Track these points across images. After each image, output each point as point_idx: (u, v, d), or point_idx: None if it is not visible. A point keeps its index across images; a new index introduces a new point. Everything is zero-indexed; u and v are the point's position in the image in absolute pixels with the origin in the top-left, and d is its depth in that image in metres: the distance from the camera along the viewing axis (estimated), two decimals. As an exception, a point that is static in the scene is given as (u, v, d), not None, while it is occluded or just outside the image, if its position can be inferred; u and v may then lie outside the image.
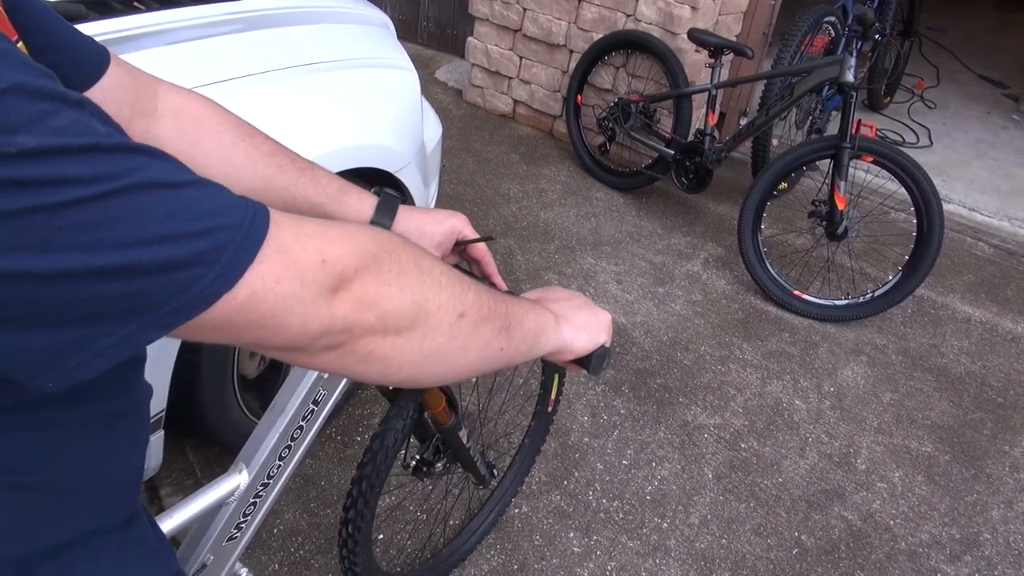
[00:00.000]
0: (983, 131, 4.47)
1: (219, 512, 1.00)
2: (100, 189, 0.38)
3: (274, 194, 0.76)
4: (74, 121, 0.38)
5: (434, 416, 1.24)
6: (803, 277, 2.85)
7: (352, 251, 0.49)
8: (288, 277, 0.46)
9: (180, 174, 0.43)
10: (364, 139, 1.73)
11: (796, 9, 3.53)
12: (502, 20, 3.65)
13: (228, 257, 0.42)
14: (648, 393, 2.27)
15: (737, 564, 1.80)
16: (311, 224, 0.49)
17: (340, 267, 0.48)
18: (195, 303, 0.42)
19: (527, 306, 0.68)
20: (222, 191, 0.45)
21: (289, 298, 0.46)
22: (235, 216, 0.44)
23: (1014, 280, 3.09)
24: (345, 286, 0.49)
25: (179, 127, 0.72)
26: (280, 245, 0.46)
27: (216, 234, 0.42)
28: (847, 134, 2.52)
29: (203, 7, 1.49)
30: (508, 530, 1.79)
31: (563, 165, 3.52)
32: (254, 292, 0.44)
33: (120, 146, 0.40)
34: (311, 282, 0.47)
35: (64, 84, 0.61)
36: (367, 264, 0.50)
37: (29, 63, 0.39)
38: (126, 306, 0.40)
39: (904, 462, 2.15)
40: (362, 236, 0.52)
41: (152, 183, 0.40)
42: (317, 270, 0.47)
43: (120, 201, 0.39)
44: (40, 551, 0.53)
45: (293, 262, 0.46)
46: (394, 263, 0.52)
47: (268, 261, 0.45)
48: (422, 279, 0.54)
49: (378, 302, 0.51)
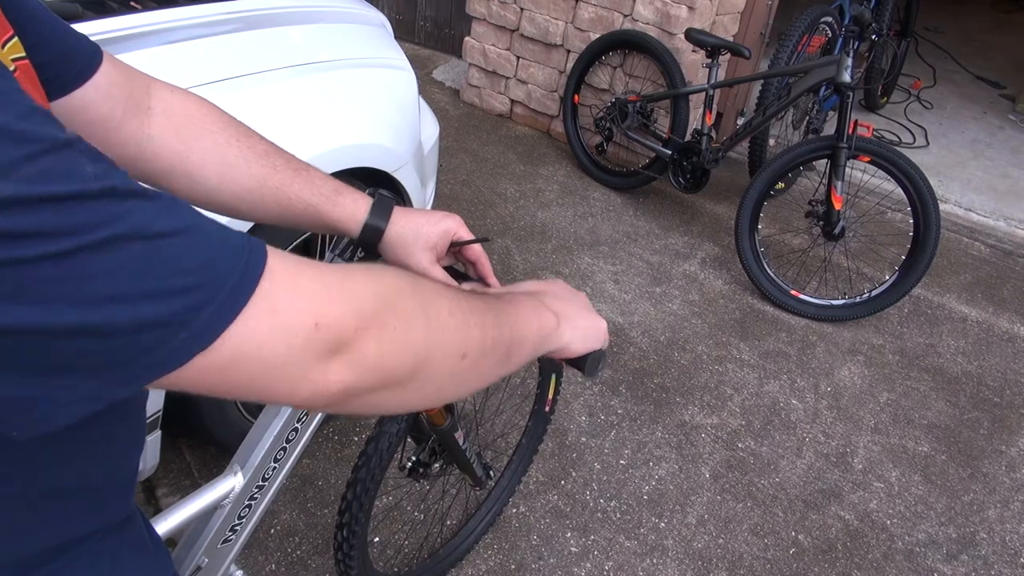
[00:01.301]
0: (979, 131, 4.48)
1: (214, 515, 1.00)
2: (76, 243, 0.35)
3: (268, 194, 0.75)
4: (56, 165, 0.36)
5: (430, 417, 1.24)
6: (800, 277, 2.86)
7: (352, 311, 0.46)
8: (273, 342, 0.42)
9: (170, 220, 0.39)
10: (361, 139, 1.73)
11: (793, 9, 3.54)
12: (499, 20, 3.65)
13: (205, 317, 0.39)
14: (645, 393, 2.27)
15: (734, 564, 1.80)
16: (311, 276, 0.45)
17: (337, 330, 0.45)
18: (165, 363, 0.39)
19: (530, 314, 0.66)
20: (214, 239, 0.41)
21: (274, 363, 0.43)
22: (222, 269, 0.40)
23: (1010, 280, 3.10)
24: (342, 350, 0.45)
25: (173, 126, 0.71)
26: (269, 305, 0.42)
27: (196, 292, 0.39)
28: (844, 134, 2.52)
29: (200, 7, 1.49)
30: (506, 530, 1.79)
31: (560, 165, 3.52)
32: (234, 356, 0.41)
33: (107, 191, 0.37)
34: (301, 347, 0.43)
35: (57, 82, 0.61)
36: (368, 324, 0.46)
37: (15, 100, 0.37)
38: (93, 363, 0.38)
39: (901, 462, 2.16)
40: (366, 290, 0.48)
41: (135, 234, 0.37)
42: (309, 334, 0.43)
43: (96, 256, 0.36)
44: (34, 554, 0.53)
45: (281, 325, 0.42)
46: (399, 317, 0.49)
47: (252, 322, 0.41)
48: (428, 327, 0.51)
49: (379, 363, 0.47)
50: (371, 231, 0.81)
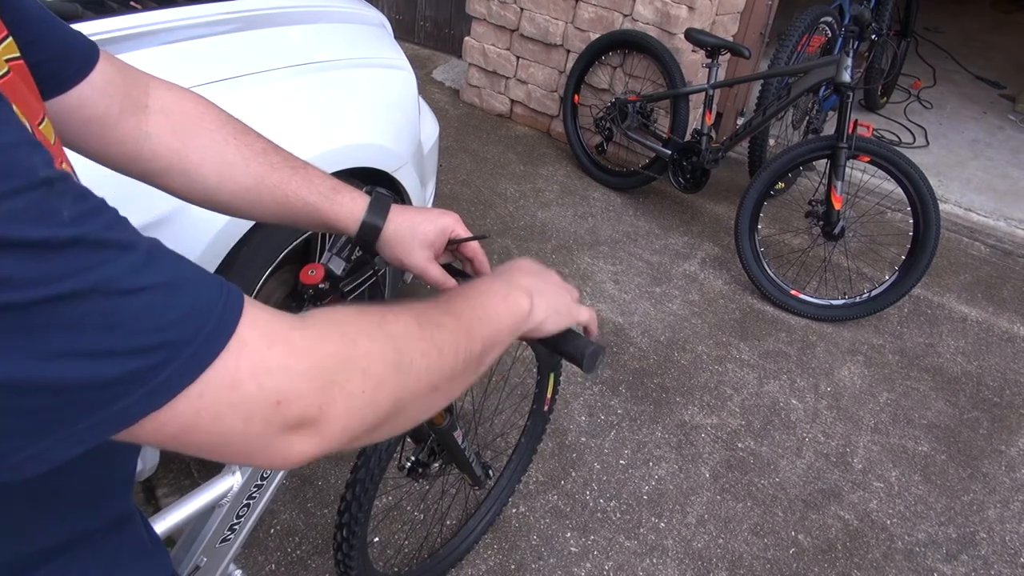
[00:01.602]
0: (979, 131, 4.48)
1: (212, 514, 1.00)
2: (34, 295, 0.33)
3: (266, 192, 0.75)
4: (30, 207, 0.34)
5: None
6: (800, 277, 2.86)
7: (318, 386, 0.44)
8: (230, 416, 0.40)
9: (141, 275, 0.38)
10: (361, 139, 1.73)
11: (793, 9, 3.54)
12: (499, 20, 3.65)
13: (163, 378, 0.38)
14: (645, 393, 2.27)
15: (734, 564, 1.80)
16: (280, 345, 0.43)
17: (300, 407, 0.43)
18: (115, 421, 0.38)
19: (500, 305, 0.65)
20: (187, 294, 0.39)
21: (229, 435, 0.41)
22: (188, 331, 0.38)
23: (1010, 280, 3.10)
24: (306, 425, 0.44)
25: (170, 124, 0.71)
26: (231, 377, 0.40)
27: (157, 352, 0.37)
28: (844, 134, 2.52)
29: (200, 7, 1.49)
30: (505, 530, 1.79)
31: (560, 165, 3.51)
32: (186, 424, 0.39)
33: (75, 239, 0.35)
34: (260, 422, 0.41)
35: (53, 80, 0.61)
36: (334, 397, 0.45)
37: (7, 128, 0.35)
38: (40, 420, 0.36)
39: (901, 461, 2.16)
40: (335, 359, 0.45)
41: (100, 288, 0.36)
42: (269, 411, 0.42)
43: (54, 309, 0.34)
44: (33, 554, 0.53)
45: (240, 400, 0.41)
46: (368, 380, 0.47)
47: (210, 396, 0.39)
48: (398, 382, 0.50)
49: (346, 429, 0.46)
50: (369, 229, 0.81)
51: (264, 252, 1.56)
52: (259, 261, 1.56)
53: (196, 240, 1.38)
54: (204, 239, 1.39)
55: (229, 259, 1.46)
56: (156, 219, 1.29)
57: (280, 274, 1.69)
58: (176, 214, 1.32)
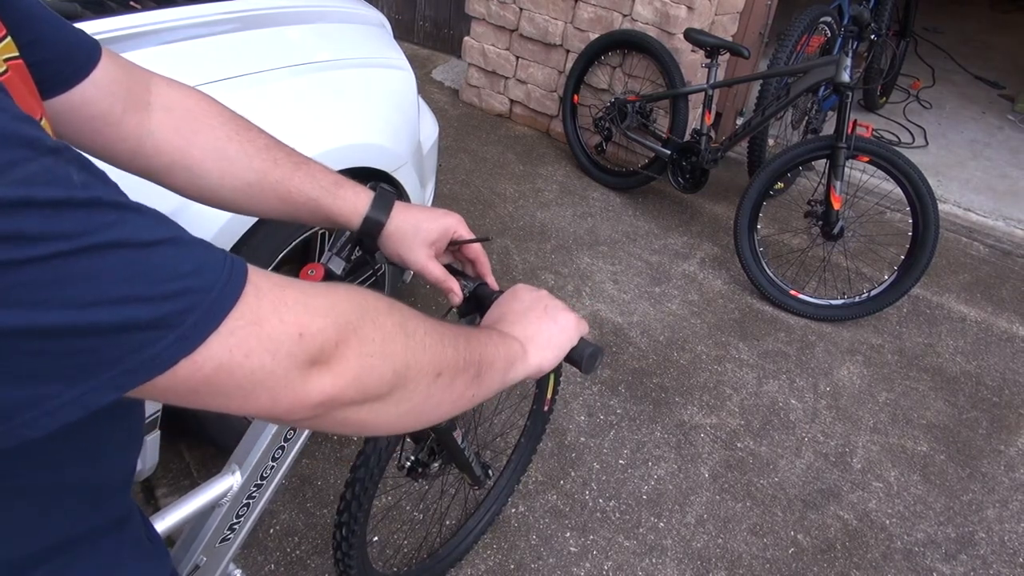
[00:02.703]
0: (978, 131, 4.48)
1: (212, 513, 1.00)
2: (59, 248, 0.36)
3: (268, 188, 0.76)
4: (44, 171, 0.36)
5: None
6: (799, 277, 2.86)
7: (334, 323, 0.47)
8: (259, 351, 0.43)
9: (156, 231, 0.40)
10: (360, 139, 1.73)
11: (792, 9, 3.54)
12: (498, 20, 3.65)
13: (192, 321, 0.40)
14: (644, 393, 2.27)
15: (733, 563, 1.80)
16: (293, 290, 0.47)
17: (320, 341, 0.46)
18: (151, 365, 0.40)
19: (496, 341, 0.67)
20: (198, 250, 0.43)
21: (259, 373, 0.44)
22: (207, 279, 0.41)
23: (1009, 280, 3.10)
24: (324, 360, 0.46)
25: (173, 121, 0.71)
26: (254, 315, 0.43)
27: (182, 297, 0.40)
28: (843, 134, 2.53)
29: (199, 6, 1.49)
30: (505, 530, 1.79)
31: (560, 165, 3.52)
32: (220, 364, 0.42)
33: (93, 201, 0.38)
34: (285, 357, 0.44)
35: (56, 78, 0.61)
36: (349, 337, 0.48)
37: (5, 106, 0.37)
38: (78, 365, 0.38)
39: (900, 461, 2.16)
40: (348, 304, 0.49)
41: (120, 242, 0.38)
42: (293, 344, 0.45)
43: (80, 261, 0.36)
44: (34, 553, 0.53)
45: (267, 335, 0.43)
46: (378, 330, 0.50)
47: (239, 333, 0.42)
48: (406, 345, 0.52)
49: (359, 376, 0.49)
50: (371, 224, 0.81)
51: (264, 252, 1.56)
52: (259, 261, 1.56)
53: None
54: (204, 239, 1.39)
55: (229, 259, 1.46)
56: (156, 219, 1.29)
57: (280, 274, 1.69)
58: (176, 214, 1.31)
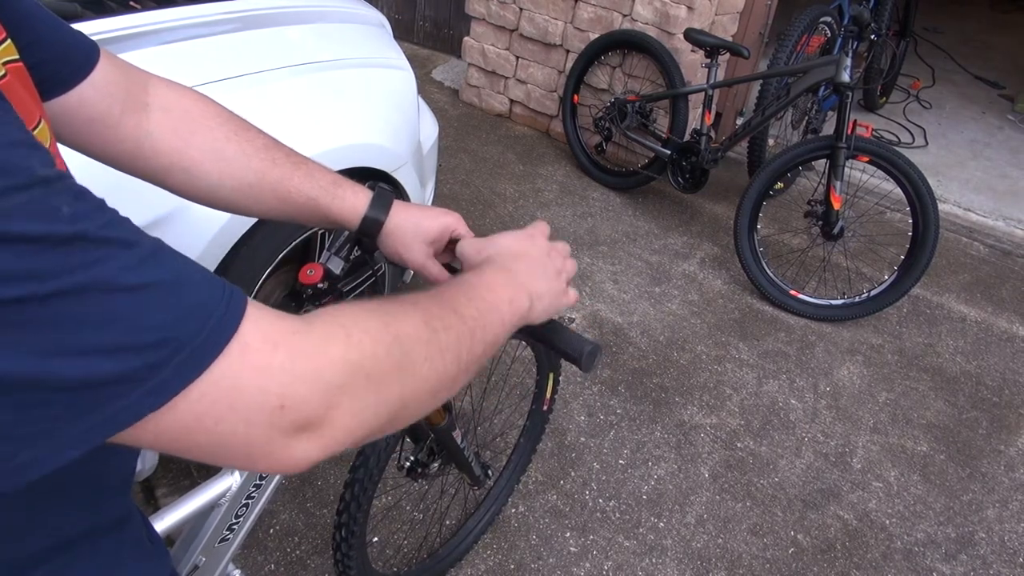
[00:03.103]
0: (978, 131, 4.48)
1: (211, 513, 1.00)
2: (33, 290, 0.33)
3: (267, 188, 0.75)
4: (28, 203, 0.34)
5: (427, 416, 1.24)
6: (799, 277, 2.86)
7: (321, 390, 0.43)
8: (233, 419, 0.40)
9: (142, 272, 0.37)
10: (360, 139, 1.73)
11: (792, 9, 3.54)
12: (498, 20, 3.65)
13: (161, 378, 0.37)
14: (644, 393, 2.27)
15: (733, 563, 1.80)
16: (284, 350, 0.42)
17: (305, 412, 0.42)
18: (113, 422, 0.37)
19: (504, 306, 0.63)
20: (190, 292, 0.39)
21: (232, 438, 0.40)
22: (188, 329, 0.38)
23: (1009, 280, 3.10)
24: (310, 428, 0.43)
25: (170, 122, 0.71)
26: (232, 379, 0.39)
27: (155, 351, 0.37)
28: (843, 134, 2.53)
29: (199, 6, 1.49)
30: (505, 530, 1.79)
31: (559, 165, 3.52)
32: (187, 427, 0.39)
33: (76, 236, 0.35)
34: (266, 426, 0.41)
35: (54, 80, 0.61)
36: (339, 401, 0.44)
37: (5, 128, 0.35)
38: (36, 422, 0.35)
39: (900, 461, 2.16)
40: (339, 364, 0.45)
41: (100, 285, 0.35)
42: (274, 415, 0.41)
43: (53, 304, 0.34)
44: (34, 553, 0.53)
45: (244, 404, 0.40)
46: (372, 385, 0.47)
47: (211, 396, 0.39)
48: (403, 386, 0.49)
49: (349, 433, 0.46)
50: (370, 223, 0.81)
51: (263, 252, 1.56)
52: (258, 261, 1.56)
53: (196, 240, 1.38)
54: (204, 239, 1.39)
55: (228, 259, 1.46)
56: (156, 219, 1.29)
57: (279, 274, 1.69)
58: (176, 214, 1.32)
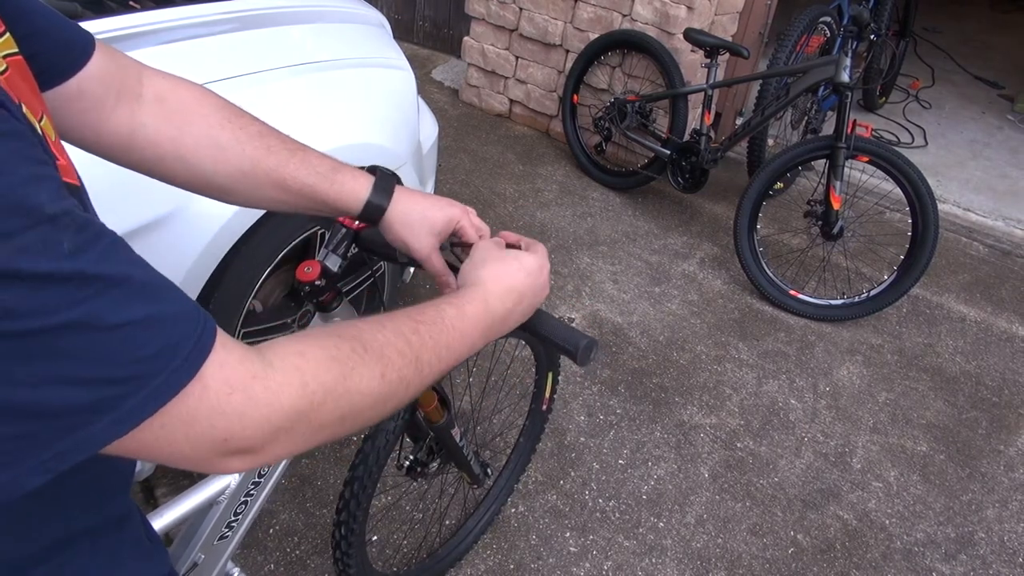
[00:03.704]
0: (978, 131, 4.48)
1: (210, 511, 1.00)
2: (27, 325, 0.36)
3: (263, 176, 0.74)
4: (36, 242, 0.37)
5: (426, 414, 1.24)
6: (799, 277, 2.86)
7: (266, 432, 0.48)
8: (182, 444, 0.45)
9: (125, 311, 0.41)
10: (360, 138, 1.73)
11: (792, 9, 3.54)
12: (498, 20, 3.65)
13: (128, 407, 0.41)
14: (644, 393, 2.27)
15: (733, 563, 1.80)
16: (240, 395, 0.46)
17: (244, 445, 0.47)
18: (83, 446, 0.41)
19: (477, 340, 0.67)
20: (163, 332, 0.43)
21: (177, 455, 0.46)
22: (156, 366, 0.42)
23: (1009, 280, 3.10)
24: (245, 453, 0.48)
25: (164, 111, 0.71)
26: (189, 415, 0.44)
27: (125, 383, 0.41)
28: (843, 134, 2.53)
29: (198, 6, 1.49)
30: (504, 530, 1.79)
31: (559, 165, 3.52)
32: (143, 446, 0.44)
33: (75, 275, 0.38)
34: (206, 451, 0.46)
35: (52, 71, 0.62)
36: (278, 438, 0.49)
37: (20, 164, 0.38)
38: (16, 446, 0.39)
39: (899, 461, 2.16)
40: (289, 409, 0.49)
41: (87, 323, 0.39)
42: (217, 445, 0.46)
43: (44, 339, 0.37)
44: (33, 552, 0.53)
45: (195, 435, 0.45)
46: (314, 428, 0.51)
47: (169, 427, 0.43)
48: (343, 426, 0.54)
49: (281, 457, 0.51)
50: (373, 209, 0.79)
51: (264, 251, 1.56)
52: (259, 260, 1.56)
53: (196, 239, 1.38)
54: (204, 238, 1.39)
55: (229, 258, 1.46)
56: (157, 218, 1.29)
57: (279, 273, 1.69)
58: (176, 213, 1.32)
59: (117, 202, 1.09)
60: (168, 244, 1.33)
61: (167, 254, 1.34)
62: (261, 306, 1.72)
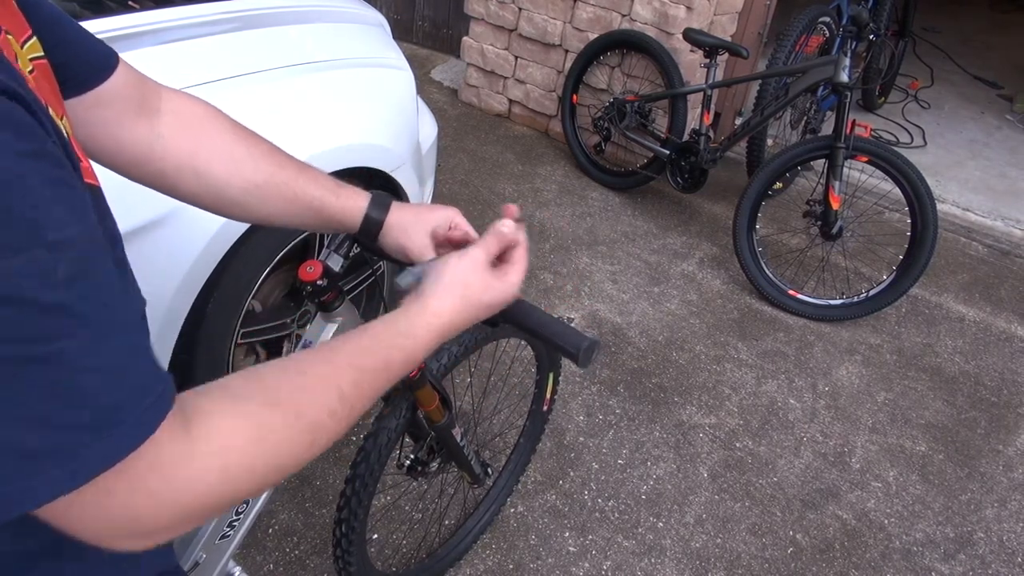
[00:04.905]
0: (977, 131, 4.48)
1: (212, 511, 1.00)
2: (9, 353, 0.36)
3: (274, 189, 0.78)
4: (26, 266, 0.37)
5: (427, 414, 1.24)
6: (798, 277, 2.86)
7: (176, 517, 0.46)
8: (90, 515, 0.43)
9: (97, 354, 0.40)
10: (359, 139, 1.73)
11: (791, 9, 3.54)
12: (497, 20, 3.65)
13: (85, 456, 0.40)
14: (643, 393, 2.27)
15: (732, 563, 1.80)
16: (160, 481, 0.45)
17: (150, 528, 0.46)
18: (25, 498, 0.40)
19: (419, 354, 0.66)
20: (118, 389, 0.42)
21: (77, 526, 0.44)
22: (98, 432, 0.41)
23: (1008, 280, 3.10)
24: (147, 536, 0.47)
25: (181, 125, 0.74)
26: (107, 488, 0.42)
27: (71, 432, 0.40)
28: (842, 134, 2.53)
29: (198, 6, 1.49)
30: (504, 530, 1.79)
31: (559, 165, 3.52)
32: (58, 512, 0.42)
33: (61, 306, 0.38)
34: (113, 530, 0.45)
35: (75, 80, 0.64)
36: (183, 524, 0.47)
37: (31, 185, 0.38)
38: None
39: (898, 461, 2.16)
40: (204, 499, 0.47)
41: (57, 359, 0.38)
42: (125, 526, 0.45)
43: (7, 370, 0.37)
44: (35, 549, 0.53)
45: (106, 511, 0.44)
46: (228, 502, 0.50)
47: (87, 495, 0.42)
48: (266, 479, 0.52)
49: (179, 533, 0.49)
50: (371, 222, 0.84)
51: (263, 251, 1.56)
52: (258, 260, 1.56)
53: (195, 239, 1.38)
54: (203, 238, 1.39)
55: (227, 258, 1.46)
56: (156, 218, 1.29)
57: (279, 273, 1.69)
58: (175, 214, 1.32)
59: (116, 202, 1.08)
60: (167, 245, 1.33)
61: (166, 255, 1.34)
62: (260, 306, 1.72)
